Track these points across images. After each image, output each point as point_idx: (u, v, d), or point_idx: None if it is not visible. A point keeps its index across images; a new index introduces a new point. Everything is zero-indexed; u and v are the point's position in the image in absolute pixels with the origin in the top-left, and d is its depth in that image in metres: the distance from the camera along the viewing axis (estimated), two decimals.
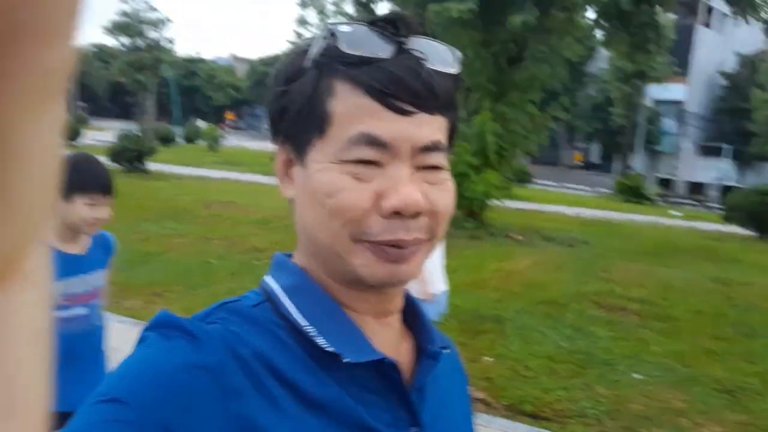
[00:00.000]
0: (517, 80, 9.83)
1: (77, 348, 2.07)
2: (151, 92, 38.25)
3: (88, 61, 52.51)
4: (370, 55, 0.58)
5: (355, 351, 0.60)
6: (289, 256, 0.69)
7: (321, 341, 0.60)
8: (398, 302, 0.69)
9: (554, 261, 8.71)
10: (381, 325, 0.66)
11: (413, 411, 0.64)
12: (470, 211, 10.21)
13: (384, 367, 0.62)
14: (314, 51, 0.60)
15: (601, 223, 13.77)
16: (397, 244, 0.59)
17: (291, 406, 0.57)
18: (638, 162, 32.93)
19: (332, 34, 0.59)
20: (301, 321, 0.61)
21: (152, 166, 15.95)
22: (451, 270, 3.81)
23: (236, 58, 65.17)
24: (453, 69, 0.61)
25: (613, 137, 34.91)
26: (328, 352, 0.60)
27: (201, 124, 35.14)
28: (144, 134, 18.64)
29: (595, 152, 41.96)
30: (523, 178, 19.06)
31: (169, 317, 0.58)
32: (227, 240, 8.34)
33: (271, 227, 9.20)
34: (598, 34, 11.14)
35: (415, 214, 0.59)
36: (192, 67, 57.73)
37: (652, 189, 23.21)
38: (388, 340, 0.67)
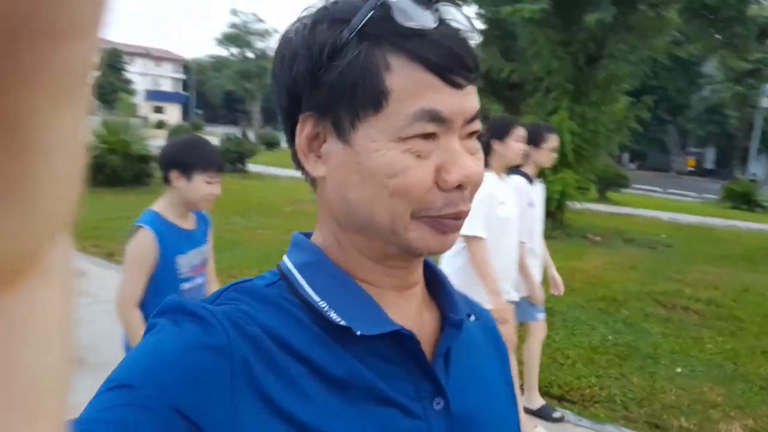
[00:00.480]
0: (598, 79, 9.72)
1: None
2: (258, 99, 40.35)
3: (205, 71, 56.16)
4: (421, 27, 0.56)
5: (368, 323, 0.60)
6: (310, 235, 0.69)
7: (333, 316, 0.60)
8: (420, 273, 0.69)
9: (627, 262, 8.54)
10: (402, 298, 0.66)
11: (436, 381, 0.63)
12: (548, 211, 10.17)
13: (402, 339, 0.61)
14: (359, 22, 0.57)
15: (694, 228, 13.14)
16: (456, 216, 0.60)
17: (307, 382, 0.56)
18: (759, 167, 30.67)
19: (382, 4, 0.57)
20: (314, 297, 0.61)
21: (253, 167, 17.04)
22: None
23: None
24: (478, 37, 0.62)
25: (730, 141, 32.76)
26: (342, 326, 0.59)
27: None
28: (245, 138, 19.90)
29: (710, 157, 39.48)
30: (620, 182, 18.40)
31: (176, 302, 0.58)
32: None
33: None
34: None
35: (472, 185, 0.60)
36: None
37: (766, 195, 21.60)
38: (410, 311, 0.66)
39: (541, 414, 3.74)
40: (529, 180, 3.57)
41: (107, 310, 4.42)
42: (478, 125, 0.62)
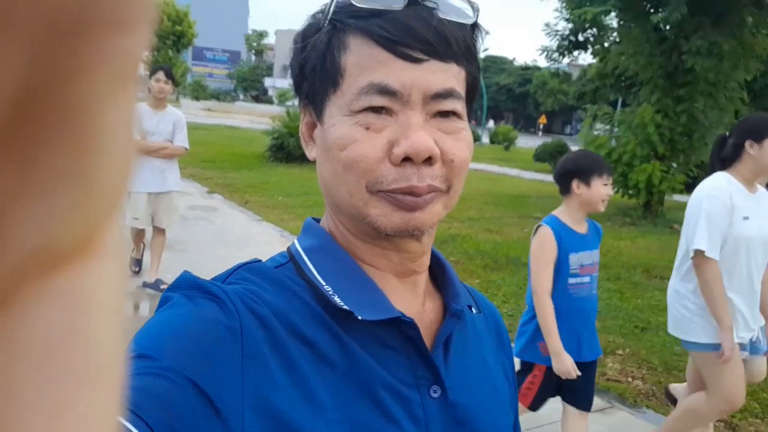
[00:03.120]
0: (687, 74, 9.63)
1: (586, 308, 2.59)
2: None
3: None
4: (382, 8, 0.59)
5: (370, 309, 0.61)
6: (320, 220, 0.71)
7: (337, 300, 0.61)
8: (424, 263, 0.70)
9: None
10: (404, 285, 0.68)
11: (435, 369, 0.64)
12: (645, 202, 10.48)
13: (403, 325, 0.62)
14: (329, 8, 0.61)
15: None
16: (411, 192, 0.59)
17: (308, 364, 0.57)
18: None
19: None
20: (320, 280, 0.63)
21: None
22: None
23: (571, 65, 66.00)
24: (468, 19, 0.62)
25: None
26: (345, 310, 0.60)
27: (490, 125, 38.02)
28: None
29: None
30: None
31: (190, 278, 0.59)
32: None
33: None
34: None
35: (428, 160, 0.59)
36: (527, 75, 60.60)
37: None
38: (411, 299, 0.68)
39: None
40: None
41: (222, 241, 6.55)
42: (452, 104, 0.61)
